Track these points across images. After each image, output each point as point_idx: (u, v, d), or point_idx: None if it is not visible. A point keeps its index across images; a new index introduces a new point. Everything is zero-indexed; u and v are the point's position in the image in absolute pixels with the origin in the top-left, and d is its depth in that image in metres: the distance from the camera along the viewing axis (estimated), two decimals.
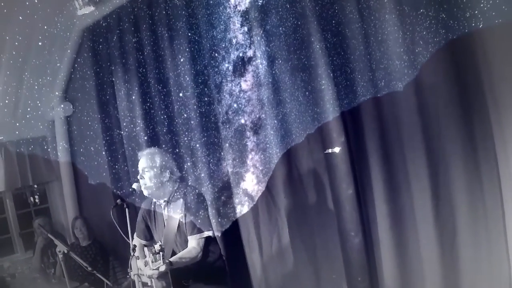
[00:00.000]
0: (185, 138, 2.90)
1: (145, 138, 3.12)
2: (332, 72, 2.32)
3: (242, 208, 2.66)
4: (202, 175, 2.79)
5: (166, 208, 2.20)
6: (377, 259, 2.41)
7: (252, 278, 2.85)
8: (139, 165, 2.18)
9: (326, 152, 2.39)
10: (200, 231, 2.10)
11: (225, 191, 2.70)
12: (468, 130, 2.12)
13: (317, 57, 2.39)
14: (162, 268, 1.90)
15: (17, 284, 3.29)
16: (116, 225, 2.06)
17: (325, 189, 2.55)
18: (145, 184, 2.12)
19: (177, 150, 2.94)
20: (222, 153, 2.73)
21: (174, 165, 2.23)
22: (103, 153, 3.45)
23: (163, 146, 3.00)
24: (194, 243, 2.10)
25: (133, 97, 3.26)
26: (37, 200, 4.08)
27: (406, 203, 2.33)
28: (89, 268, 2.74)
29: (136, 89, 3.21)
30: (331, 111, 2.31)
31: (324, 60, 2.35)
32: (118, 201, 2.09)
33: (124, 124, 3.29)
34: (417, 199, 2.29)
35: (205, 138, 2.80)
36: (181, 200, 2.15)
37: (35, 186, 3.99)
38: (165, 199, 2.18)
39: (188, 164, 2.86)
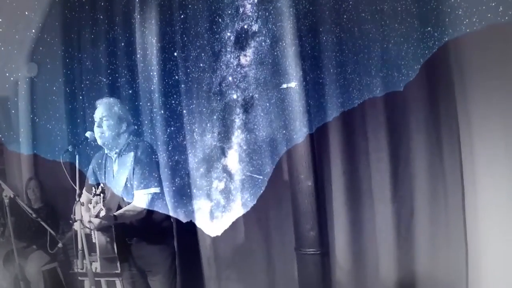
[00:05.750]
0: (172, 101, 3.17)
1: (130, 92, 3.37)
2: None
3: (219, 183, 3.02)
4: (184, 142, 3.10)
5: (116, 161, 2.37)
6: (330, 233, 2.76)
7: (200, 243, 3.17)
8: (96, 113, 2.36)
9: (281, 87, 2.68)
10: (147, 186, 2.27)
11: (205, 163, 3.04)
12: (431, 108, 2.48)
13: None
14: (103, 213, 2.08)
15: None
16: (65, 171, 2.25)
17: (281, 162, 2.83)
18: (102, 133, 2.31)
19: (162, 112, 3.21)
20: (208, 125, 3.03)
21: (130, 118, 2.44)
22: (64, 116, 3.70)
23: (148, 104, 3.27)
24: (140, 198, 2.26)
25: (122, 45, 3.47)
26: None
27: (364, 178, 2.68)
28: (34, 215, 3.02)
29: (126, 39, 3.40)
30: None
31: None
32: (69, 147, 2.29)
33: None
34: (375, 175, 2.64)
35: (194, 106, 3.07)
36: (132, 153, 2.32)
37: None
38: (117, 150, 2.37)
39: (172, 128, 3.14)
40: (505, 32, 2.20)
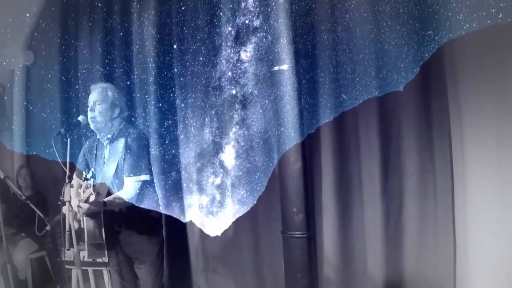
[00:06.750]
0: (170, 94, 3.20)
1: (127, 83, 3.39)
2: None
3: (215, 179, 3.07)
4: (182, 136, 3.13)
5: (108, 147, 2.39)
6: (318, 225, 2.84)
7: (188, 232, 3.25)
8: (90, 98, 2.38)
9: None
10: (137, 173, 2.29)
11: (201, 158, 3.09)
12: (424, 109, 2.56)
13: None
14: (92, 198, 2.10)
15: None
16: (56, 152, 2.27)
17: (272, 149, 2.90)
18: (94, 117, 2.34)
19: (160, 105, 3.24)
20: (206, 119, 3.07)
21: (124, 103, 2.47)
22: (59, 105, 3.71)
23: (146, 96, 3.29)
24: (129, 185, 2.29)
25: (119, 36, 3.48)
26: None
27: (354, 173, 2.76)
28: (23, 197, 3.12)
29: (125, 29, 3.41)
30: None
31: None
32: (61, 129, 2.29)
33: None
34: (365, 170, 2.72)
35: (192, 100, 3.10)
36: (123, 139, 2.34)
37: None
38: (109, 136, 2.39)
39: (169, 122, 3.18)
40: (499, 36, 2.27)
